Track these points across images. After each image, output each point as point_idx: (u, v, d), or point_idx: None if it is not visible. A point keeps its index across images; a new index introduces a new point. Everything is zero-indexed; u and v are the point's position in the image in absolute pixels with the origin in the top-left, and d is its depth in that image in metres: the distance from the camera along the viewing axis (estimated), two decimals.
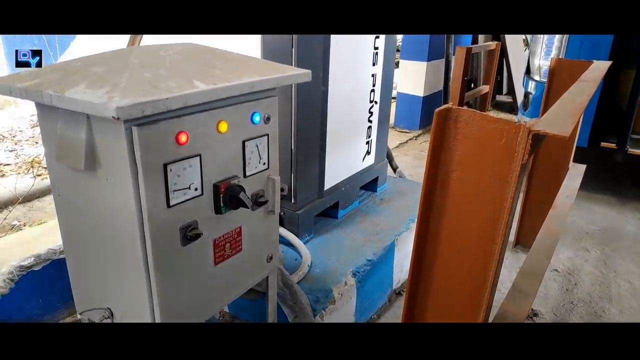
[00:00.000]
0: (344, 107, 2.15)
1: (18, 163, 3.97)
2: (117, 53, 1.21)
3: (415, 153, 4.55)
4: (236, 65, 1.27)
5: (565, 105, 1.18)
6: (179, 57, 1.19)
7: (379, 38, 2.27)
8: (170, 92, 0.98)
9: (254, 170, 1.34)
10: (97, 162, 1.06)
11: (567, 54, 3.28)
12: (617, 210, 3.41)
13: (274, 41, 1.80)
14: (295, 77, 1.35)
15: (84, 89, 0.96)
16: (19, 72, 1.15)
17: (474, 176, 1.12)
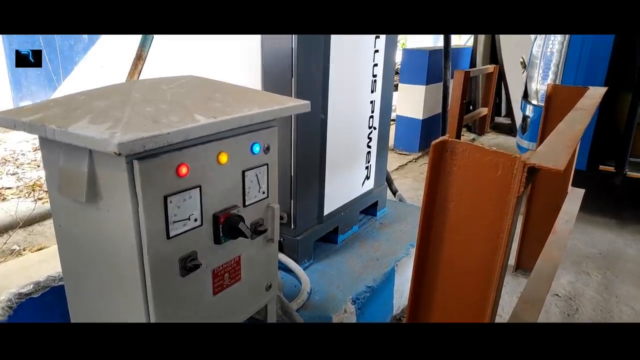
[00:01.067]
0: (343, 134, 2.18)
1: (19, 186, 3.98)
2: (119, 87, 1.23)
3: (415, 175, 4.56)
4: (236, 97, 1.29)
5: (560, 136, 1.20)
6: (180, 91, 1.22)
7: (377, 66, 2.31)
8: (171, 127, 1.00)
9: (254, 199, 1.36)
10: (98, 195, 1.07)
11: (564, 79, 3.33)
12: (617, 233, 3.41)
13: (274, 71, 1.83)
14: (294, 108, 1.38)
15: (86, 124, 0.98)
16: (22, 105, 1.17)
17: (471, 207, 1.13)
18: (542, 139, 2.78)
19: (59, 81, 5.76)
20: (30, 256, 2.42)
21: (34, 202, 3.58)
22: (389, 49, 2.37)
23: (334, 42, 1.94)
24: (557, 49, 3.34)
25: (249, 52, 1.86)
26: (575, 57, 3.28)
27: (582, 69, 3.26)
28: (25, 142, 5.25)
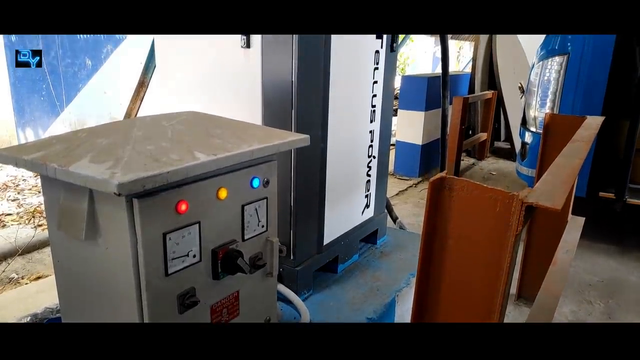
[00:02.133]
0: (342, 163, 2.19)
1: (20, 213, 3.99)
2: (121, 124, 1.25)
3: (415, 201, 4.56)
4: (236, 133, 1.31)
5: (558, 171, 1.21)
6: (180, 127, 1.23)
7: (376, 96, 2.34)
8: (172, 165, 1.01)
9: (253, 233, 1.36)
10: (97, 233, 1.07)
11: (562, 106, 3.36)
12: (618, 260, 3.39)
13: (273, 103, 1.85)
14: (294, 142, 1.39)
15: (87, 163, 0.99)
16: (24, 142, 1.19)
17: (470, 243, 1.13)
18: (541, 167, 2.79)
19: (62, 107, 5.81)
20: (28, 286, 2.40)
21: (34, 228, 3.57)
22: (388, 80, 2.40)
23: (333, 73, 1.97)
24: (554, 77, 3.38)
25: (250, 84, 1.89)
26: (572, 85, 3.32)
27: (579, 97, 3.29)
28: None
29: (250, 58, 1.87)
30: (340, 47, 1.97)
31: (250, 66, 1.87)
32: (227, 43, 1.90)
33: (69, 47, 5.76)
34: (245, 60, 1.88)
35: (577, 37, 3.25)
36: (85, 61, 6.00)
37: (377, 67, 2.29)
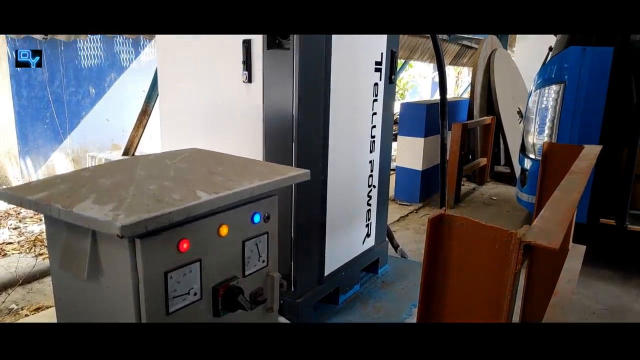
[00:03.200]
0: (343, 194, 2.20)
1: (21, 241, 3.98)
2: (125, 163, 1.27)
3: (416, 227, 4.56)
4: (238, 170, 1.33)
5: (556, 207, 1.22)
6: (183, 165, 1.25)
7: (375, 127, 2.37)
8: (174, 206, 1.02)
9: (253, 268, 1.36)
10: (99, 272, 1.08)
11: (560, 133, 3.39)
12: (622, 287, 3.36)
13: (275, 137, 1.88)
14: (294, 178, 1.41)
15: (90, 204, 1.01)
16: (30, 181, 1.20)
17: (471, 278, 1.13)
18: (540, 195, 2.80)
19: (65, 135, 5.87)
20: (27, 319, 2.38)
21: (35, 257, 3.57)
22: (387, 111, 2.44)
23: (333, 106, 2.00)
24: (551, 105, 3.42)
25: (251, 117, 1.92)
26: (569, 113, 3.35)
27: (577, 124, 3.32)
28: None
29: (252, 92, 1.91)
30: (339, 81, 2.01)
31: (251, 100, 1.91)
32: (229, 77, 1.94)
33: (73, 76, 5.86)
34: (247, 94, 1.92)
35: (573, 66, 3.30)
36: (88, 89, 6.09)
37: (376, 99, 2.33)
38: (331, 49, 1.92)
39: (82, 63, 5.96)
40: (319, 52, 1.88)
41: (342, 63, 2.01)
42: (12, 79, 5.34)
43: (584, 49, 3.22)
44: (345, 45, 2.01)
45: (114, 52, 6.24)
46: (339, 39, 1.95)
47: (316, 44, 1.86)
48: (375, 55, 2.26)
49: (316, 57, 1.88)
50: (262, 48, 1.84)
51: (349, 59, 2.07)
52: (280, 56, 1.82)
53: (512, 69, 6.96)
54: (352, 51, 2.08)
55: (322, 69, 1.92)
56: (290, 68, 1.81)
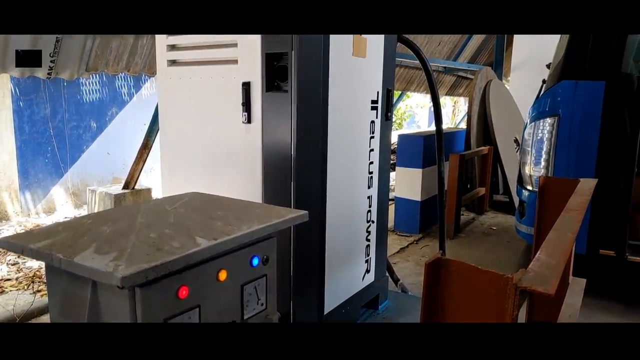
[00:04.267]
0: (341, 231, 2.21)
1: (19, 278, 3.96)
2: (126, 210, 1.29)
3: (416, 259, 4.54)
4: (237, 214, 1.35)
5: (551, 251, 1.24)
6: (182, 211, 1.27)
7: (373, 163, 2.40)
8: (173, 254, 1.04)
9: (252, 312, 1.36)
10: (99, 319, 1.08)
11: (556, 165, 3.42)
12: (622, 318, 3.33)
13: (274, 177, 1.91)
14: (293, 219, 1.43)
15: (92, 254, 1.02)
16: (31, 229, 1.22)
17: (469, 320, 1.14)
18: (539, 228, 2.82)
19: (65, 169, 5.91)
20: None
21: (33, 294, 3.54)
22: (384, 147, 2.48)
23: (331, 147, 2.04)
24: (546, 137, 3.47)
25: (250, 158, 1.95)
26: (565, 145, 3.40)
27: (573, 156, 3.36)
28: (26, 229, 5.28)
29: (251, 133, 1.94)
30: (337, 120, 2.05)
31: (251, 140, 1.94)
32: (229, 118, 1.98)
33: (75, 110, 5.95)
34: (246, 134, 1.95)
35: (566, 99, 3.37)
36: (90, 123, 6.18)
37: (373, 136, 2.37)
38: (328, 90, 1.97)
39: (84, 98, 6.06)
40: (316, 94, 1.93)
41: (339, 103, 2.05)
42: (15, 114, 5.42)
43: (575, 83, 3.29)
44: (342, 86, 2.06)
45: (115, 87, 6.36)
46: (336, 79, 2.00)
47: (314, 85, 1.91)
48: (371, 94, 2.31)
49: (313, 98, 1.92)
50: (261, 90, 1.89)
51: (346, 99, 2.12)
52: (278, 98, 1.86)
53: (507, 99, 7.07)
54: (348, 91, 2.13)
55: (320, 110, 1.96)
56: (288, 109, 1.85)
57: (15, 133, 5.43)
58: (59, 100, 5.76)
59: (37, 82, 5.40)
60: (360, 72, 2.20)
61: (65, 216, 5.80)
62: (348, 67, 2.10)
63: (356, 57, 2.14)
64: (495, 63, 7.66)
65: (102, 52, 3.31)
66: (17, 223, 5.53)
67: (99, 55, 3.31)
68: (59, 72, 3.19)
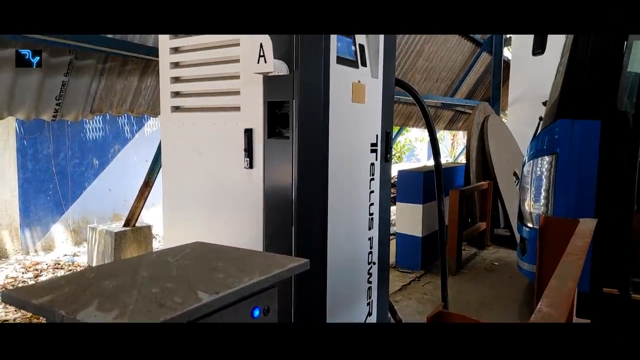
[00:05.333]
0: (343, 273, 2.21)
1: (16, 318, 3.91)
2: (128, 263, 1.30)
3: (418, 297, 4.50)
4: (238, 264, 1.35)
5: (552, 301, 1.24)
6: (185, 263, 1.28)
7: (373, 205, 2.42)
8: (175, 310, 1.04)
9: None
10: None
11: (556, 203, 3.44)
12: None
13: (275, 223, 1.92)
14: (294, 269, 1.43)
15: (94, 311, 1.02)
16: (33, 283, 1.22)
17: None
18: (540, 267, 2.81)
19: (67, 206, 5.93)
20: None
21: None
22: (384, 189, 2.50)
23: (332, 189, 2.06)
24: (545, 175, 3.50)
25: (252, 202, 1.97)
26: (563, 183, 3.42)
27: (572, 194, 3.38)
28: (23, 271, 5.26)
29: (253, 178, 1.97)
30: (337, 164, 2.08)
31: (252, 185, 1.97)
32: (232, 163, 2.01)
33: (78, 148, 6.02)
34: (248, 179, 1.98)
35: (563, 137, 3.41)
36: (92, 161, 6.23)
37: (373, 178, 2.39)
38: (328, 136, 2.01)
39: (88, 136, 6.14)
40: (316, 140, 1.97)
41: (339, 148, 2.09)
42: (19, 152, 5.48)
43: (572, 122, 3.34)
44: (342, 131, 2.10)
45: (119, 125, 6.45)
46: (336, 125, 2.05)
47: (314, 132, 1.95)
48: (370, 137, 2.35)
49: (314, 144, 1.96)
50: (262, 137, 1.92)
51: (346, 143, 2.15)
52: (280, 144, 1.90)
53: (505, 133, 7.15)
54: (348, 136, 2.17)
55: (320, 155, 1.99)
56: (289, 155, 1.88)
57: (18, 171, 5.48)
58: (63, 138, 5.84)
59: (42, 121, 5.48)
60: (359, 117, 2.25)
61: (65, 253, 5.78)
62: (347, 113, 2.14)
63: (355, 103, 2.19)
64: (493, 98, 7.78)
65: (106, 95, 3.38)
66: (15, 261, 5.51)
67: (104, 98, 3.38)
68: (64, 114, 3.25)
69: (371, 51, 2.33)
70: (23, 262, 5.50)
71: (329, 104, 2.00)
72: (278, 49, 1.79)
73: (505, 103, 8.84)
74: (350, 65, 2.16)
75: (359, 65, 2.23)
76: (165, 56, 2.20)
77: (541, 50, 3.53)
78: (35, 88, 2.96)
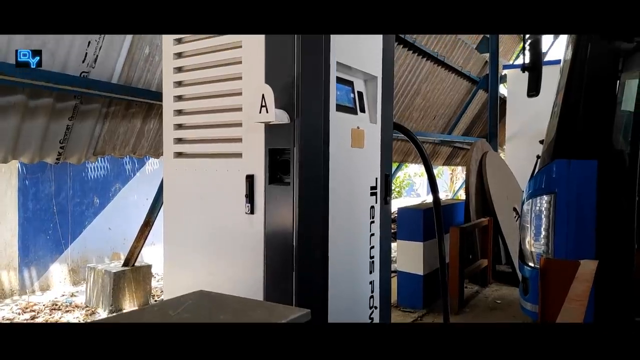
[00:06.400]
0: (344, 319, 2.19)
1: None
2: (131, 317, 1.30)
3: None
4: (239, 316, 1.35)
5: None
6: (186, 316, 1.28)
7: (374, 247, 2.42)
8: None
9: None
10: None
11: (556, 242, 3.43)
12: None
13: (276, 269, 1.92)
14: (295, 320, 1.43)
15: None
16: None
17: None
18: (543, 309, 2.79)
19: (66, 245, 5.91)
20: None
21: None
22: (384, 231, 2.51)
23: (332, 234, 2.07)
24: (544, 214, 3.51)
25: (253, 247, 1.98)
26: (563, 222, 3.43)
27: (572, 233, 3.38)
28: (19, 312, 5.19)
29: (254, 223, 1.98)
30: (337, 209, 2.10)
31: (253, 231, 1.98)
32: (233, 208, 2.03)
33: (79, 187, 6.05)
34: (249, 225, 1.99)
35: (561, 177, 3.44)
36: (93, 199, 6.25)
37: (373, 221, 2.41)
38: (328, 181, 2.04)
39: (89, 175, 6.18)
40: (317, 185, 1.99)
41: (340, 192, 2.11)
42: (20, 192, 5.51)
43: (569, 162, 3.38)
44: (342, 176, 2.13)
45: (120, 163, 6.51)
46: (336, 171, 2.08)
47: (314, 177, 1.98)
48: (370, 181, 2.38)
49: (314, 189, 1.98)
50: (264, 183, 1.95)
51: (346, 188, 2.18)
52: (281, 190, 1.92)
53: (504, 169, 7.21)
54: (348, 180, 2.20)
55: (320, 200, 2.01)
56: (290, 201, 1.90)
57: (19, 210, 5.49)
58: (64, 177, 5.88)
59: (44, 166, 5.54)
60: (359, 162, 2.29)
61: (63, 293, 5.72)
62: (347, 158, 2.18)
63: (355, 148, 2.23)
64: (490, 135, 7.88)
65: (110, 137, 3.44)
66: (12, 301, 5.45)
67: (107, 140, 3.44)
68: (68, 157, 3.30)
69: (369, 97, 2.39)
70: (19, 302, 5.44)
71: (328, 150, 2.04)
72: (280, 98, 1.85)
73: (502, 139, 8.94)
74: (349, 112, 2.22)
75: (357, 112, 2.29)
76: (169, 104, 2.25)
77: (535, 92, 3.61)
78: (40, 132, 3.02)
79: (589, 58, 3.36)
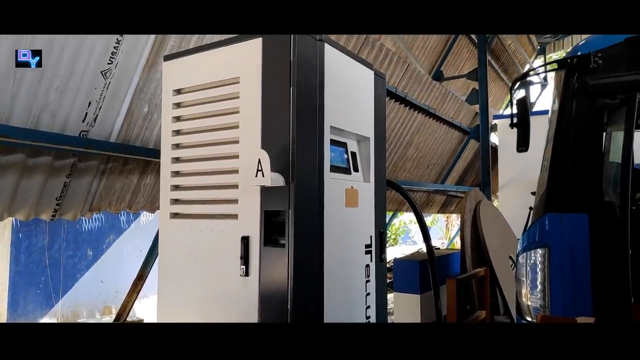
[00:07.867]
0: None
1: None
2: None
3: None
4: None
5: None
6: None
7: (370, 307, 2.41)
8: None
9: None
10: None
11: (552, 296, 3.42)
12: None
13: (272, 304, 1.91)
14: None
15: None
16: None
17: None
18: None
19: (57, 299, 5.80)
20: None
21: None
22: (380, 292, 2.50)
23: (327, 294, 2.07)
24: (539, 267, 3.51)
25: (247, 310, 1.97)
26: (558, 275, 3.43)
27: (568, 286, 3.38)
28: None
29: (249, 285, 1.98)
30: (332, 268, 2.11)
31: (248, 293, 1.98)
32: (228, 270, 2.03)
33: (73, 239, 6.00)
34: (244, 287, 1.99)
35: (553, 231, 3.47)
36: (86, 252, 6.19)
37: (369, 280, 2.41)
38: (323, 241, 2.06)
39: (83, 227, 6.15)
40: (312, 246, 2.01)
41: (335, 252, 2.13)
42: (13, 245, 5.46)
43: (561, 216, 3.42)
44: (337, 235, 2.16)
45: (115, 215, 6.49)
46: (330, 230, 2.10)
47: (309, 238, 2.00)
48: (365, 239, 2.40)
49: (309, 250, 2.00)
50: (259, 244, 1.97)
51: (341, 247, 2.20)
52: (276, 252, 1.94)
53: (498, 218, 7.24)
54: (343, 240, 2.22)
55: (316, 261, 2.03)
56: (285, 262, 1.92)
57: (11, 264, 5.43)
58: (58, 229, 5.85)
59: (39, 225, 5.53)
60: (353, 221, 2.31)
61: None
62: (342, 217, 2.21)
63: (349, 207, 2.26)
64: (483, 184, 7.97)
65: (106, 194, 3.45)
66: None
67: (103, 196, 3.45)
68: (63, 213, 3.30)
69: (362, 157, 2.45)
70: None
71: (323, 211, 2.07)
72: (276, 161, 1.90)
73: (495, 186, 9.03)
74: (343, 172, 2.27)
75: (351, 172, 2.34)
76: (166, 165, 2.30)
77: (525, 147, 3.69)
78: (37, 189, 3.03)
79: (574, 115, 3.47)
